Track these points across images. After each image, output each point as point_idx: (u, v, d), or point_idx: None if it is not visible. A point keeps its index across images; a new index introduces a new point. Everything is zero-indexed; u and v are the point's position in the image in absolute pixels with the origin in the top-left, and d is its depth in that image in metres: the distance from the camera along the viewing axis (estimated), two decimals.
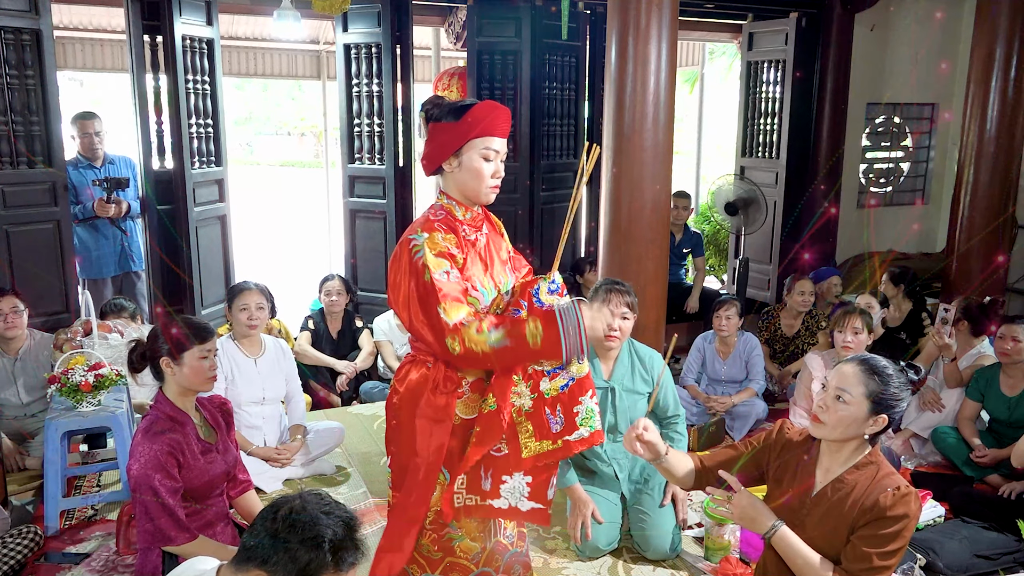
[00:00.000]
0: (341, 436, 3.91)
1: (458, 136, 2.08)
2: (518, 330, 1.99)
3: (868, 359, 2.07)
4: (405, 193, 5.66)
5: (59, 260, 4.69)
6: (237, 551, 1.56)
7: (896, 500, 1.95)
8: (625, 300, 3.01)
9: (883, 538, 1.95)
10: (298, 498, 1.54)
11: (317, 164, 20.75)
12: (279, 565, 1.47)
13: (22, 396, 3.81)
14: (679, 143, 5.37)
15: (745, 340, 4.39)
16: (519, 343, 1.99)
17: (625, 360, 3.11)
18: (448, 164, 2.12)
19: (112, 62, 8.46)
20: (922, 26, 7.25)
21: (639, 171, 4.04)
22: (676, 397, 3.20)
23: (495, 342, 1.98)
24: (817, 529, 2.07)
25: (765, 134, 6.80)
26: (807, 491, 2.11)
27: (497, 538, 2.29)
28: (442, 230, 2.10)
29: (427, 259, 2.03)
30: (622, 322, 3.00)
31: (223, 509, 2.65)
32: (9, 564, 2.84)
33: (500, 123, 2.11)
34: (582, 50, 6.12)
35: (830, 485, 2.07)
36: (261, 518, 1.53)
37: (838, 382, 2.05)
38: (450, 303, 2.01)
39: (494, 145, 2.10)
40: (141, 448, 2.38)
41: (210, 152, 5.20)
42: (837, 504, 2.04)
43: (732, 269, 6.79)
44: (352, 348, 4.92)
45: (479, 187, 2.12)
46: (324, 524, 1.49)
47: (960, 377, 4.00)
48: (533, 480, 2.13)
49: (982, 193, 5.42)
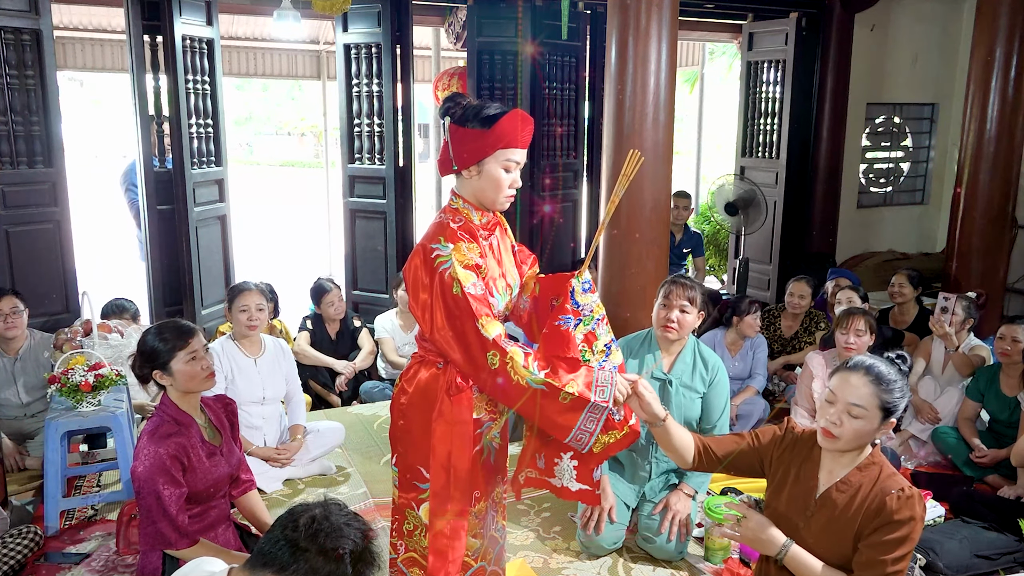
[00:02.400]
0: (341, 436, 3.91)
1: (486, 146, 2.04)
2: (555, 390, 1.98)
3: (871, 366, 2.03)
4: (405, 193, 5.66)
5: (59, 260, 4.70)
6: (252, 555, 1.54)
7: (902, 504, 1.95)
8: (687, 294, 3.01)
9: (892, 543, 1.95)
10: (320, 507, 1.52)
11: (317, 164, 20.73)
12: (297, 574, 1.45)
13: (22, 396, 3.81)
14: (679, 143, 5.37)
15: (755, 339, 4.41)
16: (551, 398, 1.99)
17: (688, 358, 3.11)
18: (468, 171, 2.09)
19: (112, 62, 8.46)
20: (922, 26, 7.26)
21: (639, 171, 4.04)
22: (727, 415, 3.16)
23: (535, 382, 1.99)
24: (822, 533, 2.06)
25: (765, 134, 6.80)
26: (810, 493, 2.11)
27: (491, 533, 2.31)
28: (465, 239, 2.08)
29: (456, 272, 2.01)
30: (680, 315, 3.01)
31: (225, 511, 2.65)
32: (9, 564, 2.84)
33: (525, 135, 2.08)
34: (582, 50, 6.12)
35: (834, 487, 2.07)
36: (280, 524, 1.51)
37: (849, 396, 2.00)
38: (486, 319, 2.02)
39: (516, 157, 2.08)
40: (146, 451, 2.37)
41: (210, 152, 5.20)
42: (842, 508, 2.03)
43: (732, 269, 6.80)
44: (352, 348, 4.92)
45: (496, 196, 2.10)
46: (346, 536, 1.48)
47: (970, 361, 4.03)
48: (579, 464, 2.16)
49: (982, 193, 5.41)
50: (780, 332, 5.02)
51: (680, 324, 3.02)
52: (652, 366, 2.62)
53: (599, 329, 2.14)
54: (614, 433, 2.09)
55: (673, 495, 3.07)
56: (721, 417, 3.12)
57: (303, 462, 3.73)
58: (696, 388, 3.09)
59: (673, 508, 3.02)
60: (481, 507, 2.24)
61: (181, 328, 2.53)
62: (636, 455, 3.14)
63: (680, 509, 3.02)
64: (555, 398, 1.98)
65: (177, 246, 5.06)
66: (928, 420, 4.01)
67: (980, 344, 4.16)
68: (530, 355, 2.01)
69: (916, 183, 7.90)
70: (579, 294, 2.11)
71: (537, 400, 2.00)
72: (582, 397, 1.99)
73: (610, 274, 4.23)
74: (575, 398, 1.99)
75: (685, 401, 3.07)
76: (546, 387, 1.98)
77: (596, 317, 2.13)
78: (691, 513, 3.08)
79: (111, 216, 12.80)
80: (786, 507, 2.15)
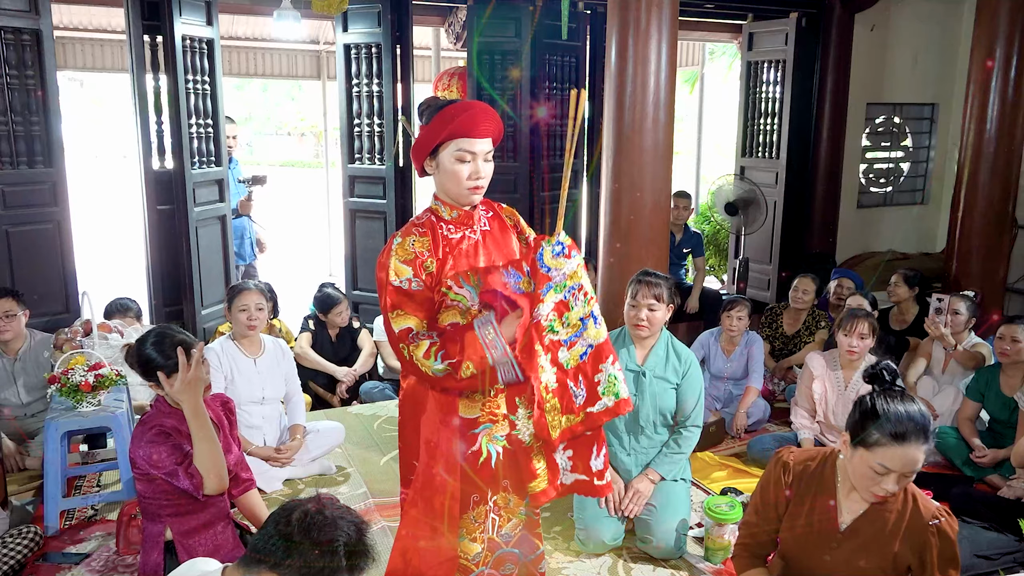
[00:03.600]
0: (341, 436, 3.91)
1: (430, 138, 2.07)
2: (456, 371, 1.99)
3: (918, 427, 1.92)
4: (405, 193, 5.66)
5: (59, 260, 4.70)
6: (246, 552, 1.55)
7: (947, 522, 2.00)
8: (653, 292, 3.06)
9: (953, 558, 2.00)
10: (312, 501, 1.53)
11: (317, 164, 20.74)
12: (292, 569, 1.46)
13: (22, 396, 3.81)
14: (679, 143, 5.38)
15: (748, 338, 4.41)
16: (457, 383, 2.02)
17: (660, 352, 3.16)
18: (428, 166, 2.13)
19: (112, 62, 8.47)
20: (922, 26, 7.26)
21: (639, 171, 4.04)
22: (701, 406, 3.19)
23: (439, 371, 2.00)
24: (851, 560, 2.05)
25: (765, 134, 6.80)
26: (831, 523, 2.08)
27: (490, 536, 2.28)
28: (418, 233, 2.11)
29: (392, 264, 2.06)
30: (650, 313, 3.06)
31: (224, 509, 2.64)
32: (9, 564, 2.84)
33: (477, 123, 2.06)
34: (582, 50, 6.12)
35: (864, 518, 2.05)
36: (273, 520, 1.52)
37: (906, 467, 1.92)
38: (401, 313, 2.04)
39: (468, 146, 2.06)
40: (138, 431, 2.40)
41: (210, 152, 5.20)
42: (874, 534, 2.03)
43: (732, 269, 6.80)
44: (352, 349, 4.91)
45: (458, 189, 2.10)
46: (339, 529, 1.48)
47: (973, 356, 4.05)
48: (574, 454, 2.16)
49: (982, 193, 5.41)
50: (782, 330, 5.02)
51: (650, 321, 3.08)
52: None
53: (574, 299, 2.03)
54: (570, 416, 2.08)
55: (637, 479, 3.11)
56: (695, 408, 3.16)
57: (303, 462, 3.73)
58: (669, 379, 3.14)
59: (632, 488, 3.08)
60: (480, 511, 2.22)
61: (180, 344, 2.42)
62: (616, 449, 3.16)
63: (640, 489, 3.08)
64: (460, 376, 1.99)
65: (177, 246, 5.06)
66: None
67: (981, 342, 4.17)
68: (434, 344, 2.01)
69: (916, 183, 7.90)
70: (549, 257, 1.98)
71: (450, 379, 2.01)
72: (482, 364, 1.99)
73: (610, 274, 4.23)
74: (479, 369, 1.99)
75: (659, 391, 3.12)
76: (452, 370, 1.99)
77: (571, 285, 2.02)
78: (687, 512, 3.09)
79: (111, 216, 12.83)
80: (806, 538, 2.10)
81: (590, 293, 2.08)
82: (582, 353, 2.07)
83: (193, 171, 5.01)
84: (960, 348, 4.12)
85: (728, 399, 4.43)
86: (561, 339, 2.02)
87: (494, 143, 2.14)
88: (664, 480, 3.12)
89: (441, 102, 2.11)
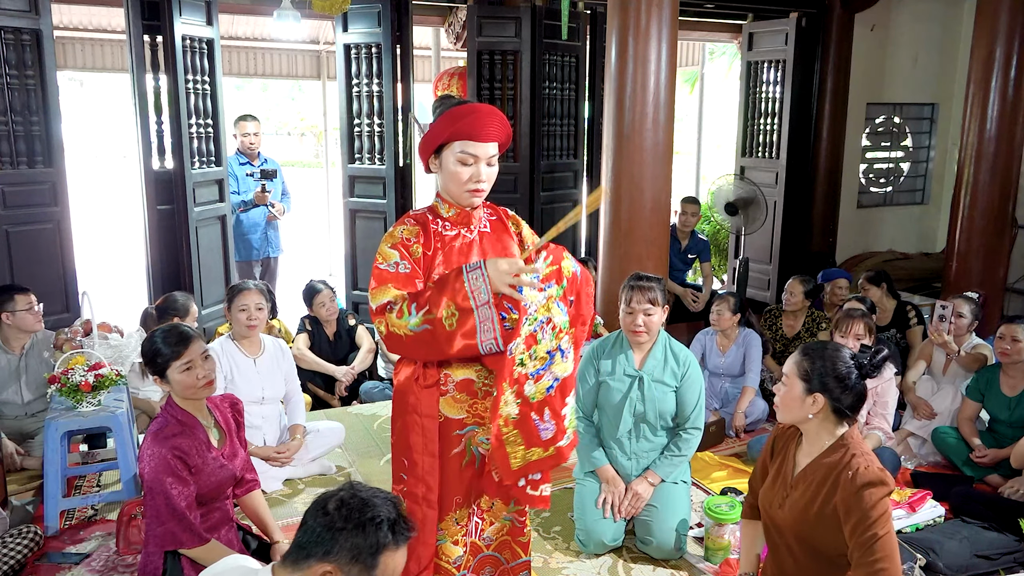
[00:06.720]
0: (341, 436, 3.91)
1: (434, 137, 2.09)
2: (435, 313, 1.94)
3: (810, 344, 2.20)
4: (405, 193, 5.66)
5: (59, 260, 4.69)
6: (290, 550, 1.58)
7: (859, 473, 2.03)
8: (648, 296, 3.03)
9: (866, 512, 2.00)
10: (344, 489, 1.59)
11: (317, 164, 20.72)
12: (343, 552, 1.51)
13: (24, 395, 3.81)
14: (679, 143, 5.37)
15: (745, 335, 4.40)
16: (437, 326, 1.95)
17: (659, 354, 3.13)
18: (433, 164, 2.15)
19: (112, 62, 8.47)
20: (922, 26, 7.26)
21: (639, 171, 4.05)
22: (701, 408, 3.16)
23: (415, 327, 1.96)
24: (791, 510, 2.17)
25: (765, 134, 6.80)
26: (788, 477, 2.23)
27: (473, 540, 2.28)
28: (409, 224, 2.14)
29: (381, 250, 2.10)
30: (646, 318, 3.04)
31: (228, 512, 2.64)
32: (9, 564, 2.84)
33: (482, 127, 2.05)
34: (582, 50, 6.12)
35: (807, 468, 2.17)
36: (311, 515, 1.57)
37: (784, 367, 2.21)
38: (379, 289, 2.05)
39: (472, 149, 2.06)
40: (150, 451, 2.37)
41: (210, 152, 5.20)
42: (813, 487, 2.13)
43: (732, 269, 6.80)
44: (350, 347, 4.91)
45: (457, 190, 2.11)
46: (376, 505, 1.54)
47: (976, 358, 4.04)
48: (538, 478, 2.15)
49: (982, 193, 5.41)
50: (782, 332, 5.02)
51: (647, 327, 3.05)
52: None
53: (542, 332, 2.00)
54: (536, 451, 2.04)
55: (637, 481, 3.10)
56: (695, 410, 3.13)
57: (303, 462, 3.73)
58: (668, 383, 3.11)
59: (632, 491, 3.08)
60: (462, 513, 2.22)
61: (179, 336, 2.50)
62: (616, 452, 3.15)
63: (639, 492, 3.07)
64: (442, 327, 1.94)
65: (177, 246, 5.06)
66: (924, 416, 4.01)
67: (982, 343, 4.16)
68: (406, 300, 1.99)
69: (916, 183, 7.91)
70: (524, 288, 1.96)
71: (430, 335, 1.95)
72: (462, 306, 1.94)
73: (610, 275, 4.24)
74: (460, 310, 1.94)
75: (658, 395, 3.09)
76: (429, 324, 1.95)
77: (540, 319, 1.99)
78: (687, 512, 3.09)
79: (111, 216, 12.83)
80: (769, 491, 2.27)
81: (559, 327, 2.05)
82: (548, 387, 2.03)
83: (193, 171, 5.01)
84: (962, 351, 4.10)
85: (726, 399, 4.43)
86: (528, 372, 2.00)
87: (501, 148, 2.13)
88: (664, 482, 3.12)
89: (453, 101, 2.12)
